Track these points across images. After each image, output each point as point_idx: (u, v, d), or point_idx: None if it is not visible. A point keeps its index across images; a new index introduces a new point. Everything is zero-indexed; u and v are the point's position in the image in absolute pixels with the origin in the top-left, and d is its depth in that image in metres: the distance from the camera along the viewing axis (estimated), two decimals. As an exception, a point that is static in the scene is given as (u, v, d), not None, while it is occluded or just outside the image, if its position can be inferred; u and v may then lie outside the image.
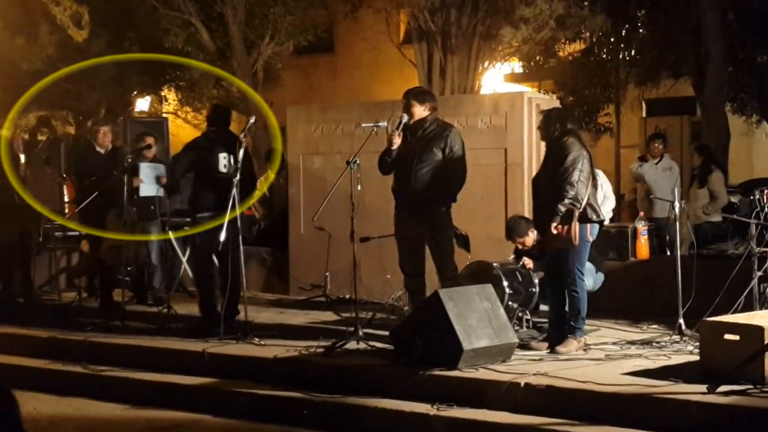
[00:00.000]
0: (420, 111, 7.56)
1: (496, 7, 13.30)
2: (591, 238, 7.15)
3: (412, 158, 7.53)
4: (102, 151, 9.45)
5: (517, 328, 7.62)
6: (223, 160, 8.12)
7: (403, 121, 7.57)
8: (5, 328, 8.97)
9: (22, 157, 9.92)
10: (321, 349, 7.25)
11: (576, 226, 6.91)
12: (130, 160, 8.97)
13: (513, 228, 8.21)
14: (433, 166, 7.49)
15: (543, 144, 7.65)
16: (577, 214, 6.91)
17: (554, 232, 6.91)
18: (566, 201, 6.89)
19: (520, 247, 8.28)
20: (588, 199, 7.01)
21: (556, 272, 7.22)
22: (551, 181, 7.06)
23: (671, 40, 15.53)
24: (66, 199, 11.02)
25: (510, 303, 7.82)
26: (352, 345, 7.30)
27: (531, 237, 8.09)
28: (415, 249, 7.68)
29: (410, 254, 7.72)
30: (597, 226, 7.22)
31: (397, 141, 7.54)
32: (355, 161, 7.53)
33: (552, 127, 7.18)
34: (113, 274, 9.64)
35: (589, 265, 7.56)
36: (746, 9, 14.79)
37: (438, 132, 7.55)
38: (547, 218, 6.97)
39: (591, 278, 7.93)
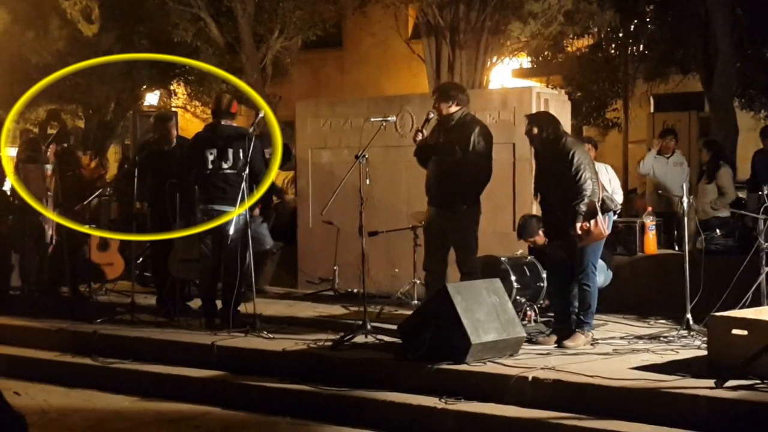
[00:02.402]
0: (446, 108, 7.56)
1: (504, 2, 13.27)
2: (608, 231, 7.20)
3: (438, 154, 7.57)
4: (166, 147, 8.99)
5: (525, 322, 7.64)
6: (210, 156, 8.12)
7: (429, 119, 7.60)
8: (16, 320, 9.02)
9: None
10: (329, 343, 7.27)
11: (601, 218, 6.95)
12: None
13: (524, 227, 8.22)
14: (454, 162, 7.48)
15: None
16: (598, 207, 6.95)
17: (580, 232, 6.92)
18: (586, 200, 6.91)
19: (531, 246, 8.29)
20: (602, 190, 7.10)
21: (560, 267, 7.25)
22: (559, 184, 7.07)
23: (680, 35, 15.50)
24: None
25: (518, 297, 7.85)
26: (360, 339, 7.32)
27: (542, 236, 8.10)
28: (436, 244, 7.67)
29: (433, 248, 7.72)
30: (612, 218, 7.28)
31: (419, 138, 7.57)
32: (364, 155, 7.55)
33: (544, 131, 7.20)
34: (182, 290, 9.08)
35: (600, 262, 7.58)
36: (755, 5, 14.75)
37: (462, 129, 7.51)
38: (572, 218, 6.95)
39: (602, 274, 7.95)
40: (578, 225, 6.91)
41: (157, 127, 9.31)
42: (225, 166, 8.07)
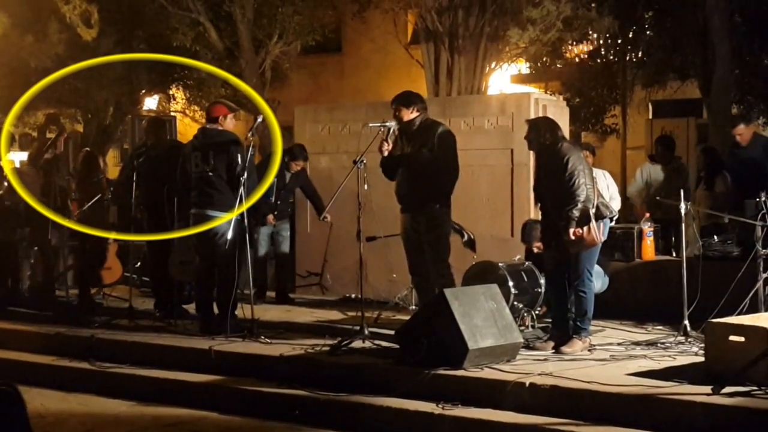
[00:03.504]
0: (408, 114, 7.65)
1: (503, 8, 13.31)
2: (603, 238, 7.20)
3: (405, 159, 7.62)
4: None
5: (522, 328, 7.65)
6: (195, 159, 8.16)
7: (391, 129, 7.65)
8: (13, 325, 9.02)
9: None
10: (327, 348, 7.28)
11: (594, 225, 6.95)
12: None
13: (529, 232, 8.24)
14: (422, 165, 7.55)
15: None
16: (592, 213, 6.95)
17: (573, 237, 6.93)
18: (579, 205, 6.92)
19: (536, 250, 8.29)
20: (598, 197, 7.10)
21: (558, 272, 7.25)
22: (554, 190, 7.09)
23: (678, 42, 15.51)
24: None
25: (515, 303, 7.85)
26: (357, 344, 7.32)
27: None
28: (417, 248, 7.73)
29: (414, 253, 7.77)
30: (608, 225, 7.27)
31: (386, 148, 7.61)
32: (362, 161, 7.56)
33: (542, 137, 7.22)
34: (181, 292, 9.14)
35: (597, 268, 7.59)
36: (753, 11, 14.77)
37: (425, 131, 7.62)
38: (564, 224, 6.97)
39: (599, 280, 7.96)
40: (571, 231, 6.93)
41: (149, 132, 9.35)
42: (207, 169, 8.09)
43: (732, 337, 5.98)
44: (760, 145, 10.02)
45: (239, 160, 7.94)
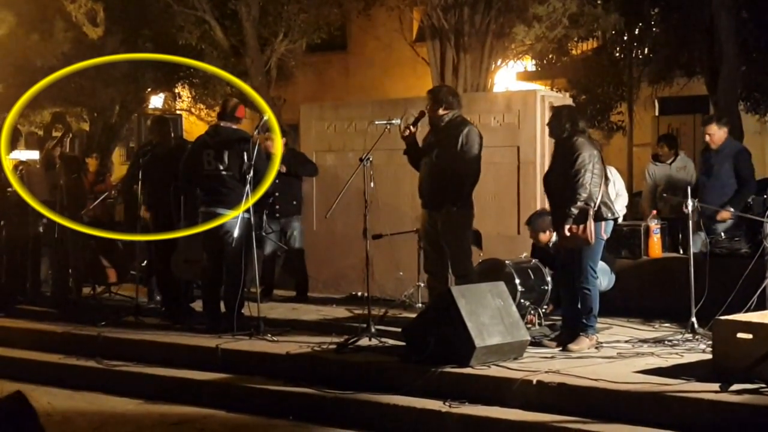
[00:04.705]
0: (436, 109, 7.60)
1: (509, 5, 13.28)
2: (605, 236, 7.17)
3: (429, 155, 7.59)
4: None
5: (529, 325, 7.63)
6: (207, 157, 8.15)
7: (420, 118, 7.62)
8: (21, 323, 9.04)
9: None
10: (333, 346, 7.28)
11: (591, 225, 6.92)
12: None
13: (536, 218, 8.21)
14: (445, 163, 7.51)
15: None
16: (592, 213, 6.92)
17: (567, 234, 6.93)
18: (579, 204, 6.89)
19: (542, 241, 8.26)
20: (602, 197, 7.04)
21: (569, 270, 7.23)
22: (562, 182, 7.07)
23: (684, 38, 15.48)
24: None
25: (522, 300, 7.84)
26: (364, 342, 7.33)
27: (547, 235, 8.07)
28: (434, 245, 7.69)
29: (431, 252, 7.74)
30: (611, 223, 7.24)
31: (407, 134, 7.58)
32: (368, 158, 7.56)
33: (562, 126, 7.17)
34: (186, 293, 9.16)
35: (603, 265, 7.57)
36: (760, 8, 14.74)
37: (453, 130, 7.55)
38: (561, 218, 6.99)
39: (605, 278, 7.93)
40: (566, 227, 6.92)
41: (154, 131, 9.36)
42: (221, 167, 8.09)
43: (740, 335, 5.97)
44: (730, 153, 9.09)
45: (246, 158, 7.96)
